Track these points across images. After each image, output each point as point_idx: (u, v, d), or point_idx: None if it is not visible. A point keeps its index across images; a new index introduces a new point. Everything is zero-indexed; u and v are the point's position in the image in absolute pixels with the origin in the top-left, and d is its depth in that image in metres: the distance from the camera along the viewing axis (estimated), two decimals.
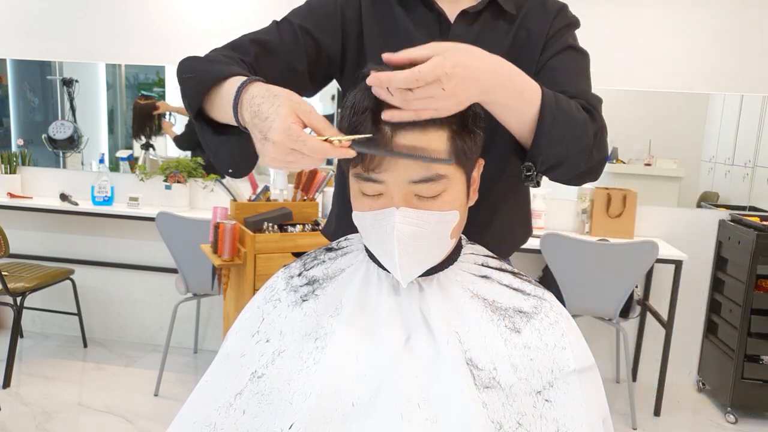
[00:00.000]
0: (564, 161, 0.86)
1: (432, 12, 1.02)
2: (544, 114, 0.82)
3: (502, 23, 1.02)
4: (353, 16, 1.04)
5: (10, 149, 3.66)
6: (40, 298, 3.54)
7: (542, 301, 0.89)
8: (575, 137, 0.85)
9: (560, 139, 0.83)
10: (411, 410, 0.77)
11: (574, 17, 1.06)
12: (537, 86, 0.83)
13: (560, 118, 0.83)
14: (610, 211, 3.14)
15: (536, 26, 1.02)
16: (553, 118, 0.82)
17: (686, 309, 3.25)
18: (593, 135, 0.87)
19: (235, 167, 0.89)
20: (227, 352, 0.90)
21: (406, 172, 0.77)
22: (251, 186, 2.76)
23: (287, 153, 0.72)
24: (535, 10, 1.03)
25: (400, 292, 0.87)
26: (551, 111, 0.82)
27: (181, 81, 0.90)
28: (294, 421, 0.79)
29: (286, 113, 0.72)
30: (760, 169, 3.21)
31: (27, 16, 3.48)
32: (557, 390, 0.82)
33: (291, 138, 0.71)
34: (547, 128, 0.82)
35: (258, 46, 0.97)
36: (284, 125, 0.71)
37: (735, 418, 2.92)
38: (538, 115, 0.82)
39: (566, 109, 0.84)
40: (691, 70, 3.13)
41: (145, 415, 2.70)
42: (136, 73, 3.59)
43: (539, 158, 0.85)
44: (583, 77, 0.99)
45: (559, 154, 0.85)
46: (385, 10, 1.03)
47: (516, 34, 1.02)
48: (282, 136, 0.71)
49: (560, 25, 1.02)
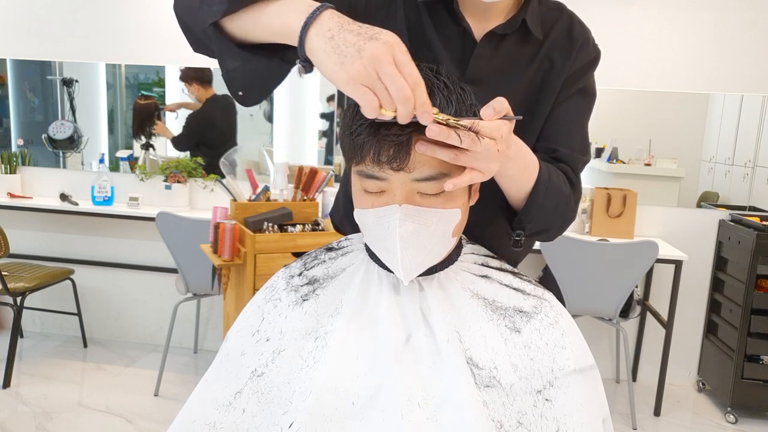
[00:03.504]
0: (547, 230, 0.97)
1: (458, 27, 0.96)
2: (538, 186, 0.89)
3: (528, 49, 0.98)
4: (388, 13, 0.97)
5: (10, 149, 3.66)
6: (40, 298, 3.55)
7: (542, 301, 0.89)
8: (560, 209, 0.94)
9: (548, 210, 0.92)
10: (411, 409, 0.77)
11: (597, 50, 1.02)
12: (536, 160, 0.89)
13: (551, 191, 0.90)
14: (610, 211, 3.14)
15: (560, 58, 0.98)
16: (545, 191, 0.90)
17: (686, 309, 3.25)
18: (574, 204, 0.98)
19: (247, 90, 0.82)
20: (227, 351, 0.90)
21: (409, 170, 0.77)
22: (251, 186, 2.76)
23: (385, 64, 0.65)
24: (561, 39, 0.99)
25: (401, 292, 0.87)
26: (545, 184, 0.89)
27: None
28: (294, 420, 0.79)
29: (394, 37, 0.67)
30: (760, 169, 3.21)
31: (27, 16, 3.48)
32: (557, 389, 0.82)
33: (399, 52, 0.66)
34: (539, 199, 0.90)
35: None
36: (397, 39, 0.66)
37: (735, 418, 2.92)
38: (532, 188, 0.89)
39: (556, 184, 0.92)
40: (691, 70, 3.13)
41: (145, 415, 2.70)
42: (136, 73, 3.59)
43: (528, 225, 0.93)
44: (579, 128, 1.02)
45: (544, 223, 0.94)
46: (412, 16, 0.97)
47: (539, 66, 0.98)
48: (388, 47, 0.65)
49: (582, 63, 0.99)
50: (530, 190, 0.89)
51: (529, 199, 0.90)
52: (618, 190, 3.17)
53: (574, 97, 1.00)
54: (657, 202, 3.27)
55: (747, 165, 3.24)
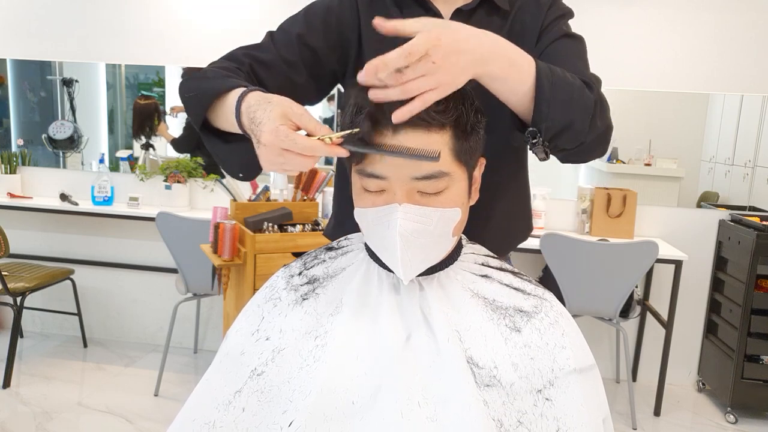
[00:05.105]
0: (569, 125, 0.84)
1: (427, 12, 1.03)
2: (540, 81, 0.81)
3: (497, 19, 1.04)
4: (351, 21, 1.05)
5: (10, 149, 3.66)
6: (40, 298, 3.55)
7: (542, 301, 0.89)
8: (575, 99, 0.84)
9: (561, 101, 0.82)
10: (411, 408, 0.77)
11: (566, 7, 1.07)
12: (530, 57, 0.83)
13: (558, 82, 0.82)
14: (610, 211, 3.14)
15: (530, 19, 1.04)
16: (550, 83, 0.81)
17: (686, 309, 3.25)
18: (594, 102, 0.86)
19: (244, 171, 0.94)
20: (227, 350, 0.90)
21: (409, 169, 0.78)
22: (251, 186, 2.76)
23: (279, 154, 0.74)
24: (528, 4, 1.05)
25: (401, 291, 0.87)
26: (547, 77, 0.82)
27: (185, 101, 0.95)
28: (294, 419, 0.79)
29: (276, 116, 0.74)
30: (760, 169, 3.21)
31: (27, 16, 3.48)
32: (558, 389, 0.82)
33: (280, 138, 0.73)
34: (546, 93, 0.81)
35: (253, 60, 1.00)
36: (273, 127, 0.74)
37: (735, 418, 2.92)
38: (535, 85, 0.81)
39: (562, 75, 0.84)
40: (691, 70, 3.13)
41: (145, 415, 2.70)
42: (136, 73, 3.59)
43: (542, 125, 0.82)
44: (579, 60, 0.99)
45: (562, 118, 0.83)
46: (381, 12, 1.03)
47: (510, 28, 1.04)
48: (271, 137, 0.73)
49: (554, 16, 1.04)
50: (533, 87, 0.82)
51: (535, 96, 0.81)
52: (618, 190, 3.17)
53: (561, 40, 1.01)
54: (657, 202, 3.27)
55: (747, 165, 3.24)
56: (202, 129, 0.93)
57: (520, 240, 1.16)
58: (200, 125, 0.92)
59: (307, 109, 0.79)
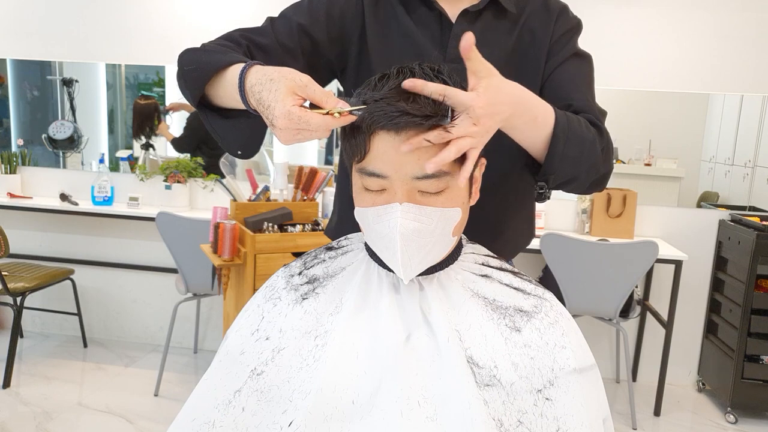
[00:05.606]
0: (574, 179, 0.92)
1: (432, 11, 1.02)
2: (557, 136, 0.86)
3: (505, 23, 1.03)
4: (355, 15, 1.04)
5: (10, 149, 3.66)
6: (40, 298, 3.55)
7: (542, 301, 0.89)
8: (585, 156, 0.90)
9: (572, 158, 0.88)
10: (411, 408, 0.77)
11: (576, 19, 1.07)
12: (550, 108, 0.87)
13: (572, 139, 0.87)
14: (610, 211, 3.14)
15: (540, 28, 1.03)
16: (565, 140, 0.86)
17: (686, 309, 3.25)
18: (601, 150, 0.92)
19: (243, 149, 0.95)
20: (227, 350, 0.90)
21: (410, 168, 0.78)
22: (251, 186, 2.76)
23: (295, 134, 0.75)
24: (538, 11, 1.04)
25: (401, 291, 0.87)
26: (564, 132, 0.86)
27: (183, 73, 0.93)
28: (293, 419, 0.79)
29: (284, 96, 0.75)
30: (760, 169, 3.21)
31: (27, 16, 3.48)
32: (558, 389, 0.82)
33: (293, 121, 0.74)
34: (559, 149, 0.86)
35: (250, 43, 0.99)
36: (284, 111, 0.74)
37: (735, 418, 2.92)
38: (551, 136, 0.86)
39: (577, 130, 0.88)
40: (691, 70, 3.13)
41: (145, 415, 2.70)
42: (136, 73, 3.59)
43: (551, 177, 0.90)
44: (587, 87, 1.02)
45: (570, 173, 0.90)
46: (387, 10, 1.04)
47: (519, 36, 1.02)
48: (285, 122, 0.74)
49: (563, 30, 1.03)
50: (549, 141, 0.86)
51: (549, 150, 0.87)
52: (618, 190, 3.17)
53: (571, 59, 1.02)
54: (657, 202, 3.27)
55: (747, 165, 3.24)
56: (199, 105, 0.92)
57: (524, 246, 1.16)
58: (197, 100, 0.92)
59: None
